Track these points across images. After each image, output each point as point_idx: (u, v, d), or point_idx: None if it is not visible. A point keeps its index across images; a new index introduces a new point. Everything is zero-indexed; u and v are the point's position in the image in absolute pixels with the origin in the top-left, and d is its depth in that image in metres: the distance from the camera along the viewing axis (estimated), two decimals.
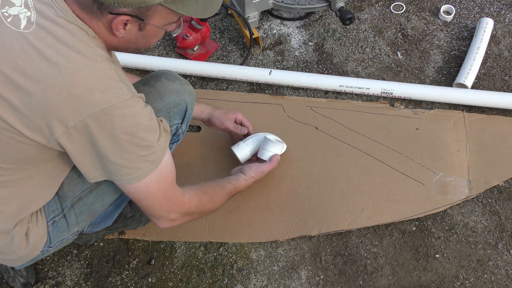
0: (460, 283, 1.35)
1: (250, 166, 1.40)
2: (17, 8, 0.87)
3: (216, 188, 1.25)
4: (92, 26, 0.90)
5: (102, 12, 0.88)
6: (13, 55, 0.84)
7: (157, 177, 0.98)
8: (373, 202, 1.47)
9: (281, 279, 1.39)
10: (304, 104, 1.69)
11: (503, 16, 1.90)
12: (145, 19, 0.90)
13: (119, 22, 0.89)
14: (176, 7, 0.89)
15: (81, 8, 0.88)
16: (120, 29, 0.91)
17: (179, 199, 1.08)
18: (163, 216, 1.07)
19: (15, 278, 1.35)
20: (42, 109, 0.84)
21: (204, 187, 1.22)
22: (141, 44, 0.99)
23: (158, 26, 0.93)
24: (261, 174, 1.40)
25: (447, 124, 1.61)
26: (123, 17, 0.88)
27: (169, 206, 1.05)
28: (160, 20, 0.92)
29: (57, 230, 1.11)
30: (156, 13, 0.89)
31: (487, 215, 1.45)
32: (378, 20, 1.93)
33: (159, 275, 1.41)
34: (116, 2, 0.84)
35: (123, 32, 0.92)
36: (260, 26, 1.95)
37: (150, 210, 1.05)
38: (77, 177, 1.09)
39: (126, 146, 0.90)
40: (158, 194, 1.01)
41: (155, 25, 0.92)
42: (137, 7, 0.86)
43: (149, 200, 1.01)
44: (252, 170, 1.38)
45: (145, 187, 0.97)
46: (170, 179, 1.02)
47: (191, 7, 0.90)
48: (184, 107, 1.20)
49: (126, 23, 0.90)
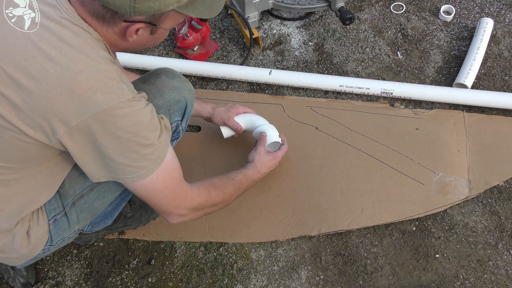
0: (460, 283, 1.35)
1: (259, 153, 1.38)
2: (22, 9, 0.87)
3: (225, 180, 1.24)
4: (101, 31, 0.92)
5: (116, 20, 0.90)
6: (16, 54, 0.84)
7: (162, 174, 0.98)
8: (373, 202, 1.47)
9: (281, 279, 1.39)
10: (304, 104, 1.69)
11: (503, 16, 1.90)
12: (158, 24, 0.93)
13: (133, 30, 0.91)
14: (187, 11, 0.91)
15: (91, 15, 0.89)
16: (133, 35, 0.93)
17: (188, 194, 1.08)
18: (172, 212, 1.08)
19: (15, 278, 1.35)
20: (44, 108, 0.85)
21: (213, 181, 1.21)
22: (148, 45, 1.03)
23: (168, 29, 0.97)
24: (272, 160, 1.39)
25: (447, 124, 1.61)
26: (138, 25, 0.90)
27: (178, 201, 1.06)
28: (171, 23, 0.96)
29: (58, 229, 1.11)
30: (168, 17, 0.93)
31: (487, 215, 1.46)
32: (378, 20, 1.93)
33: (159, 275, 1.41)
34: (132, 12, 0.85)
35: (135, 37, 0.94)
36: (260, 26, 1.95)
37: (159, 207, 1.05)
38: (78, 175, 1.09)
39: (128, 145, 0.91)
40: (165, 191, 1.02)
41: (165, 29, 0.96)
42: (151, 14, 0.88)
43: (157, 197, 1.02)
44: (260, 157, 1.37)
45: (152, 184, 0.98)
46: (176, 175, 1.03)
47: (199, 9, 0.93)
48: (184, 104, 1.21)
49: (139, 29, 0.92)
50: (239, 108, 1.48)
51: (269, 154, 1.39)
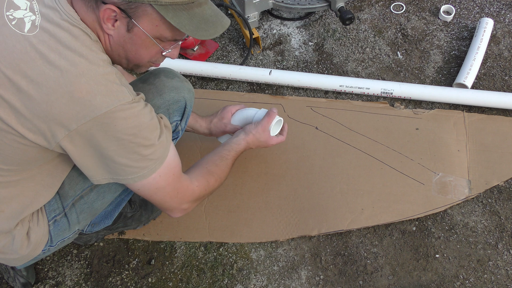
0: (460, 283, 1.35)
1: (261, 127, 1.35)
2: (22, 12, 0.87)
3: (219, 163, 1.23)
4: (92, 26, 0.89)
5: (97, 2, 0.86)
6: (15, 57, 0.84)
7: (164, 172, 0.99)
8: (373, 202, 1.47)
9: (281, 279, 1.39)
10: (304, 104, 1.69)
11: (503, 16, 1.90)
12: (133, 17, 0.87)
13: (107, 12, 0.86)
14: (166, 13, 0.86)
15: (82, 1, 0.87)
16: (108, 23, 0.88)
17: (188, 188, 1.09)
18: (175, 207, 1.09)
19: (15, 278, 1.35)
20: (44, 112, 0.84)
21: (208, 167, 1.20)
22: (130, 51, 0.95)
23: (146, 33, 0.90)
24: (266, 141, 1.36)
25: (447, 124, 1.61)
26: (111, 6, 0.85)
27: (180, 197, 1.07)
28: (149, 26, 0.89)
29: (58, 229, 1.11)
30: (146, 14, 0.87)
31: (487, 215, 1.46)
32: (378, 20, 1.93)
33: (159, 275, 1.41)
34: None
35: (112, 29, 0.89)
36: (260, 26, 1.95)
37: (163, 204, 1.06)
38: (77, 176, 1.09)
39: (130, 147, 0.91)
40: (168, 188, 1.02)
41: (143, 30, 0.89)
42: (127, 1, 0.84)
43: (160, 195, 1.02)
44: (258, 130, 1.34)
45: (154, 183, 0.98)
46: (177, 172, 1.04)
47: (182, 21, 0.87)
48: (183, 104, 1.21)
49: (116, 19, 0.88)
50: (231, 109, 1.45)
51: (267, 134, 1.37)
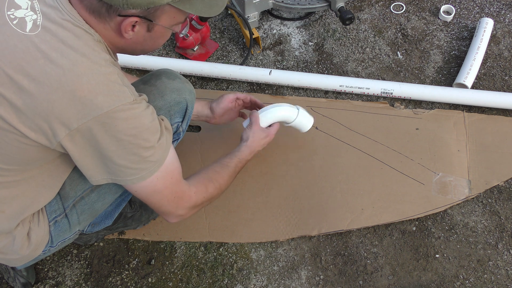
0: (460, 283, 1.35)
1: (254, 131, 1.35)
2: (23, 11, 0.87)
3: (220, 170, 1.22)
4: (99, 29, 0.90)
5: (111, 15, 0.88)
6: (17, 56, 0.84)
7: (162, 175, 0.98)
8: (373, 202, 1.47)
9: (281, 279, 1.39)
10: (304, 104, 1.69)
11: (503, 16, 1.90)
12: (154, 20, 0.91)
13: (128, 24, 0.89)
14: (184, 6, 0.89)
15: (89, 12, 0.88)
16: (128, 31, 0.91)
17: (186, 194, 1.08)
18: (171, 212, 1.08)
19: (15, 278, 1.35)
20: (45, 111, 0.85)
21: (209, 174, 1.19)
22: (148, 45, 1.00)
23: (166, 27, 0.94)
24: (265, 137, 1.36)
25: (447, 124, 1.61)
26: (131, 19, 0.88)
27: (177, 201, 1.06)
28: (168, 20, 0.93)
29: (59, 230, 1.11)
30: (164, 13, 0.90)
31: (487, 215, 1.46)
32: (378, 20, 1.93)
33: (159, 275, 1.41)
34: (125, 4, 0.84)
35: (132, 34, 0.92)
36: (260, 26, 1.95)
37: (159, 207, 1.05)
38: (78, 177, 1.09)
39: (129, 148, 0.91)
40: (165, 191, 1.02)
41: (163, 26, 0.93)
42: (145, 8, 0.87)
43: (157, 198, 1.02)
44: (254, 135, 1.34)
45: (152, 185, 0.98)
46: (176, 175, 1.03)
47: (197, 6, 0.91)
48: (185, 106, 1.20)
49: (135, 25, 0.91)
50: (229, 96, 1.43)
51: (263, 131, 1.36)
